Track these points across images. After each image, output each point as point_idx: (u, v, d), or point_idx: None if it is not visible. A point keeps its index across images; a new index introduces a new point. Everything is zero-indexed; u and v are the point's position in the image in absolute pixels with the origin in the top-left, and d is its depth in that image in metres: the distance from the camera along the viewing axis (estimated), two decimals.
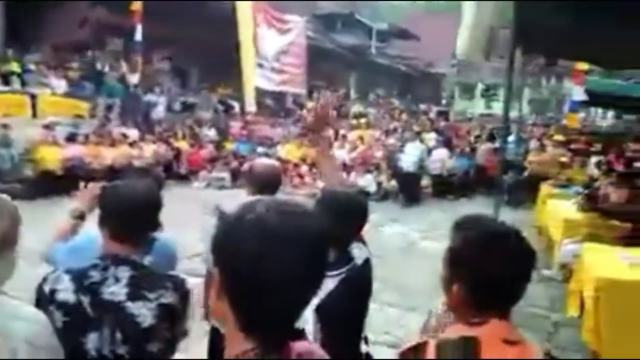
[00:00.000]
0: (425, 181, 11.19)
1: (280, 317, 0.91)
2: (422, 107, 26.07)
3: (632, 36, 4.33)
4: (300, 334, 1.03)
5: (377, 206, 10.34)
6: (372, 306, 4.87)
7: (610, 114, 25.76)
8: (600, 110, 25.93)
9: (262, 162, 2.79)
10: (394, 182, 10.86)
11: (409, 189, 10.56)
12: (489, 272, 1.13)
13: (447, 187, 11.42)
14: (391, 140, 13.31)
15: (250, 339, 0.89)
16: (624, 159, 11.52)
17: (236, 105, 17.11)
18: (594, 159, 11.01)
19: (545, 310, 5.17)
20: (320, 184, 10.74)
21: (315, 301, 1.19)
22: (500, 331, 1.12)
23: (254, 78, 14.92)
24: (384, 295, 5.38)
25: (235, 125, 15.18)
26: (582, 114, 27.28)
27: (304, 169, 11.87)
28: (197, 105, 16.37)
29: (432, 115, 21.97)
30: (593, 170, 10.16)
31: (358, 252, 1.81)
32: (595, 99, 16.05)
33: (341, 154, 12.27)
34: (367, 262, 1.88)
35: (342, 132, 13.95)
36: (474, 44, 4.53)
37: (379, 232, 8.41)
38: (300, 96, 19.40)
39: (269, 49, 15.73)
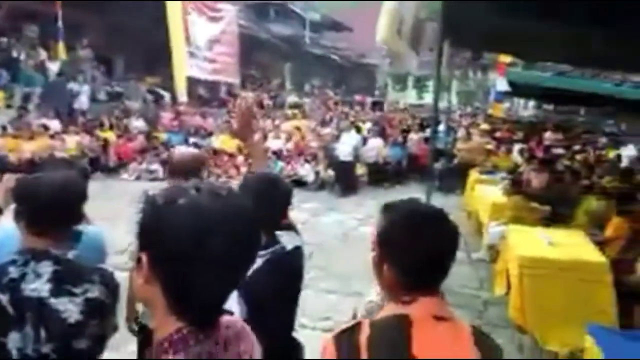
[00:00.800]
0: (360, 170, 11.38)
1: (213, 297, 0.92)
2: (357, 97, 26.46)
3: (550, 31, 4.61)
4: (228, 314, 1.02)
5: (314, 195, 10.43)
6: (312, 293, 4.93)
7: (532, 103, 27.42)
8: (522, 101, 27.49)
9: (182, 150, 2.71)
10: (330, 172, 10.95)
11: (345, 178, 10.69)
12: (416, 251, 1.16)
13: (382, 175, 11.68)
14: (327, 130, 13.39)
15: (181, 320, 0.89)
16: (544, 146, 12.34)
17: (167, 95, 16.53)
18: (517, 147, 11.66)
19: (475, 290, 5.43)
20: None
21: None
22: (431, 308, 1.15)
23: (185, 67, 14.46)
24: (323, 282, 5.44)
25: (166, 116, 14.65)
26: (506, 104, 28.95)
27: (240, 159, 11.69)
28: (124, 95, 15.62)
29: (367, 105, 22.38)
30: (517, 157, 10.78)
31: (288, 239, 1.81)
32: (517, 89, 17.04)
33: (277, 144, 12.21)
34: (297, 249, 1.88)
35: (277, 122, 13.85)
36: (393, 32, 4.63)
37: (317, 221, 8.48)
38: (234, 86, 19.06)
39: (201, 38, 15.31)
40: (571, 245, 4.70)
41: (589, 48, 5.45)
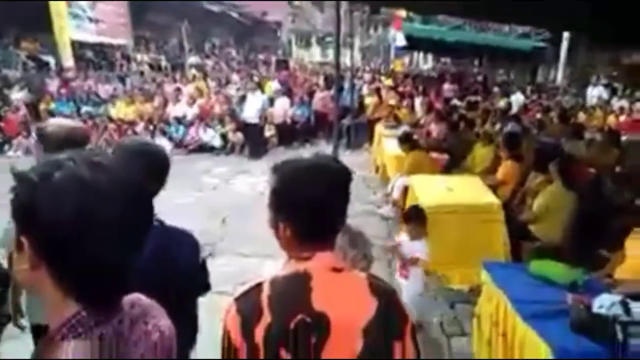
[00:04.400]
0: (269, 131, 11.26)
1: (108, 274, 0.87)
2: (261, 56, 25.86)
3: None
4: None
5: (224, 160, 10.20)
6: (229, 258, 4.84)
7: (431, 57, 28.52)
8: (422, 54, 28.46)
9: (56, 122, 2.43)
10: (239, 134, 10.72)
11: (254, 140, 10.53)
12: (302, 205, 1.18)
13: (291, 135, 11.66)
14: (231, 92, 13.01)
15: (78, 302, 0.85)
16: (443, 98, 12.96)
17: (51, 61, 15.03)
18: (418, 100, 12.13)
19: (383, 240, 5.67)
20: (159, 140, 10.21)
21: None
22: (328, 261, 1.19)
23: (68, 29, 13.17)
24: (240, 246, 5.39)
25: (52, 84, 13.35)
26: (407, 58, 29.87)
27: (141, 126, 11.06)
28: (0, 63, 13.98)
29: (271, 64, 21.97)
30: (419, 110, 11.24)
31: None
32: (414, 43, 17.60)
33: (180, 109, 11.67)
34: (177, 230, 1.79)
35: (178, 85, 13.18)
36: None
37: (228, 186, 8.33)
38: (127, 48, 17.76)
39: None
40: (467, 189, 5.05)
41: (478, 1, 5.68)
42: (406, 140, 6.56)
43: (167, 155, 1.81)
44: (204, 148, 10.83)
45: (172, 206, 1.83)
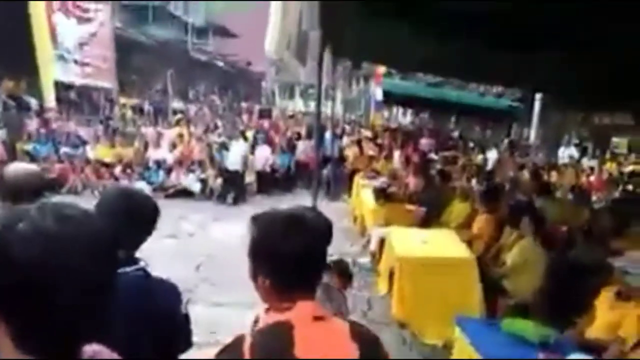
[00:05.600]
0: (249, 178, 11.30)
1: (67, 329, 0.85)
2: (244, 105, 26.25)
3: (423, 42, 4.95)
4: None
5: (202, 206, 10.13)
6: (200, 307, 4.74)
7: (410, 111, 29.35)
8: (401, 108, 29.29)
9: (16, 166, 2.39)
10: (219, 181, 10.72)
11: (234, 187, 10.54)
12: (282, 257, 1.18)
13: (271, 183, 11.72)
14: (214, 138, 13.11)
15: (33, 355, 0.82)
16: (420, 152, 13.25)
17: (33, 102, 14.97)
18: (397, 153, 12.38)
19: (358, 290, 5.63)
20: (138, 184, 10.13)
21: None
22: (309, 310, 1.19)
23: (52, 70, 13.26)
24: (212, 295, 5.29)
25: (32, 124, 13.25)
26: (387, 112, 30.67)
27: (118, 169, 10.99)
28: None
29: (254, 113, 22.27)
30: (397, 163, 11.45)
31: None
32: (392, 98, 18.16)
33: (160, 153, 11.67)
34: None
35: (159, 129, 13.23)
36: (282, 44, 4.68)
37: (205, 232, 8.24)
38: (111, 91, 17.87)
39: (69, 39, 14.20)
40: (443, 243, 5.10)
41: (454, 61, 5.97)
42: (381, 194, 6.67)
43: (156, 204, 1.78)
44: (181, 193, 10.77)
45: (145, 252, 1.81)
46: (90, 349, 0.94)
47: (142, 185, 10.60)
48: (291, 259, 1.18)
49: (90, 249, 0.83)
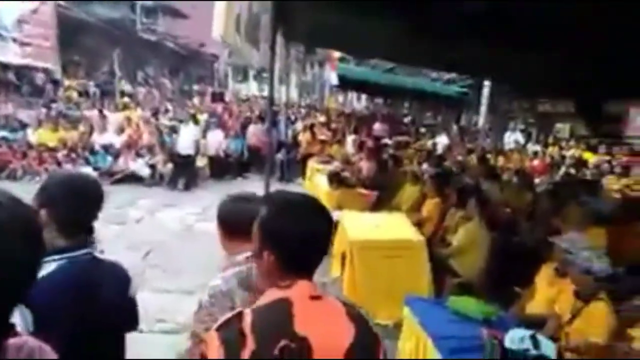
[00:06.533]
0: (201, 162, 11.08)
1: None
2: (196, 87, 25.63)
3: (377, 27, 4.95)
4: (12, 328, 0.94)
5: (151, 191, 9.86)
6: (149, 294, 4.64)
7: (364, 96, 29.56)
8: (356, 94, 29.45)
9: None
10: (170, 166, 10.44)
11: (185, 172, 10.31)
12: (295, 237, 1.24)
13: (224, 168, 11.54)
14: (164, 122, 12.73)
15: None
16: (373, 137, 13.40)
17: None
18: (350, 138, 12.46)
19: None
20: (83, 169, 9.74)
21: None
22: (307, 289, 1.23)
23: None
24: (161, 281, 5.18)
25: None
26: (342, 97, 30.77)
27: (62, 154, 10.51)
28: None
29: (207, 96, 21.80)
30: (350, 148, 11.53)
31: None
32: (348, 83, 18.22)
33: (107, 137, 11.23)
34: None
35: (106, 112, 12.70)
36: (231, 27, 4.58)
37: (154, 218, 8.03)
38: (54, 72, 16.98)
39: (7, 16, 13.36)
40: (394, 226, 5.20)
41: (406, 47, 6.03)
42: (335, 178, 6.71)
43: (101, 187, 1.74)
44: (130, 179, 10.43)
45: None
46: (15, 341, 0.93)
47: (87, 171, 10.22)
48: (301, 240, 1.23)
49: (21, 234, 0.86)
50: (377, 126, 15.28)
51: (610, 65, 4.76)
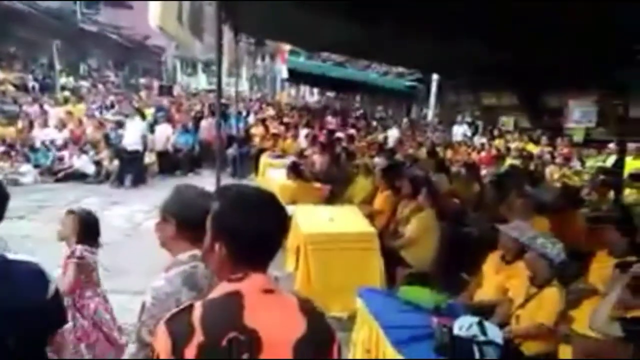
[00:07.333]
0: (149, 159, 10.73)
1: None
2: (143, 81, 24.82)
3: (327, 22, 4.94)
4: None
5: (96, 189, 9.47)
6: None
7: (317, 90, 29.57)
8: (308, 87, 29.42)
9: None
10: (116, 162, 10.05)
11: (132, 169, 9.95)
12: (248, 231, 1.23)
13: (173, 163, 11.24)
14: (108, 116, 12.24)
15: None
16: (326, 130, 13.43)
17: None
18: (303, 131, 12.43)
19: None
20: (23, 166, 9.25)
21: None
22: (260, 283, 1.23)
23: None
24: (108, 282, 4.97)
25: None
26: (294, 90, 30.68)
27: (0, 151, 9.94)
28: None
29: (154, 90, 21.15)
30: (303, 142, 11.50)
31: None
32: (298, 77, 18.17)
33: (47, 133, 10.69)
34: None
35: (46, 107, 12.09)
36: (172, 19, 4.42)
37: (100, 217, 7.69)
38: None
39: None
40: (347, 219, 5.22)
41: (355, 41, 6.07)
42: (295, 170, 6.70)
43: (5, 187, 1.64)
44: (74, 176, 9.98)
45: (35, 240, 1.65)
46: None
47: (27, 168, 9.70)
48: (253, 234, 1.22)
49: None
50: (330, 119, 15.35)
51: (549, 58, 4.97)
